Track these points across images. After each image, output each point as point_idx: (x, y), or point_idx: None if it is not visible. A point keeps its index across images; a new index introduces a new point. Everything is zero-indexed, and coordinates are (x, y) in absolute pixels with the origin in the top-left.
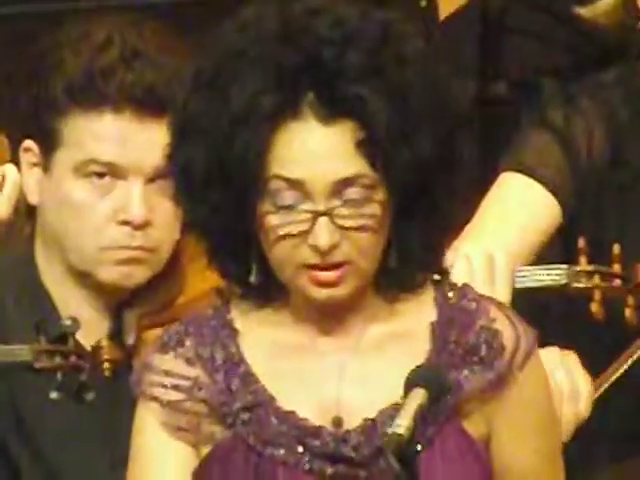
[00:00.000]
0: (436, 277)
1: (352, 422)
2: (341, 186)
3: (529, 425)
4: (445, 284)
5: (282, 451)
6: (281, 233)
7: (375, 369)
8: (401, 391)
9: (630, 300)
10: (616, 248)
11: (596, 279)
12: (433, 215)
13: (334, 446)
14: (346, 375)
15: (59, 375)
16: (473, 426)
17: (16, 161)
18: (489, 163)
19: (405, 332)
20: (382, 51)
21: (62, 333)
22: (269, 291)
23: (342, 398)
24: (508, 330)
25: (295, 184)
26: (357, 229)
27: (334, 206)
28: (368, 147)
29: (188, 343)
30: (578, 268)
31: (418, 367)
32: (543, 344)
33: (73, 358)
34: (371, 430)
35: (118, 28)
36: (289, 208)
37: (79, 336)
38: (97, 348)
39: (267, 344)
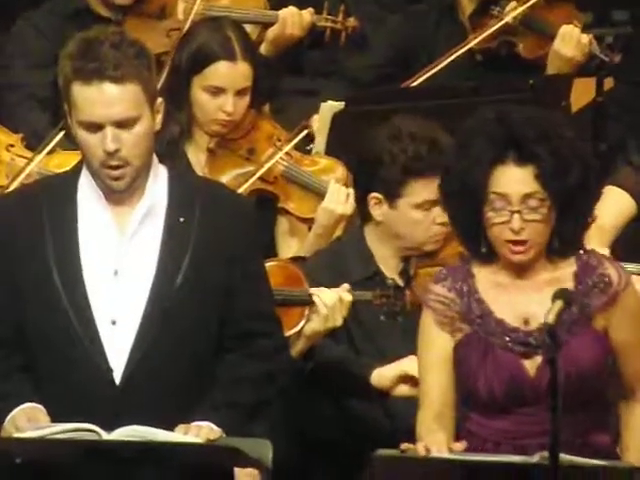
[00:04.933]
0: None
1: (533, 323)
2: (526, 197)
3: (629, 318)
4: (580, 252)
5: (497, 340)
6: (495, 222)
7: (543, 297)
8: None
9: None
10: None
11: None
12: (579, 214)
13: (523, 336)
14: (529, 298)
15: (385, 307)
16: (597, 323)
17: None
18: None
19: (560, 278)
20: (549, 131)
21: (388, 284)
22: (489, 254)
23: (529, 310)
24: (614, 273)
25: (502, 196)
26: (536, 221)
27: (522, 208)
28: (541, 178)
29: (449, 280)
30: None
31: (558, 290)
32: None
33: (391, 293)
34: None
35: None
36: (500, 209)
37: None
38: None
39: (490, 283)
